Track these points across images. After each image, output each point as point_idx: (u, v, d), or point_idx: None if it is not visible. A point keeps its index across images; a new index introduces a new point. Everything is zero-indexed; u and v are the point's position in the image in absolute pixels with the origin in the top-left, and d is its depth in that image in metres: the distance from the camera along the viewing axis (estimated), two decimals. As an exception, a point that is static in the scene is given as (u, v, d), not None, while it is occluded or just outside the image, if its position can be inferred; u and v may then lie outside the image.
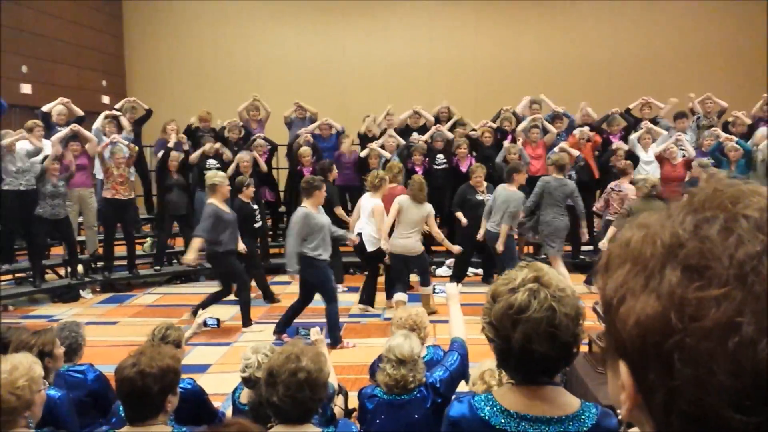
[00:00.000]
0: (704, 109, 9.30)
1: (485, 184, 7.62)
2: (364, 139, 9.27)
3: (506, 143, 8.65)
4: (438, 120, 9.55)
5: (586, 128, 8.77)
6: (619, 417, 0.64)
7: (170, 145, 8.39)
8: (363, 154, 8.73)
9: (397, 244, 6.72)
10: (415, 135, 8.97)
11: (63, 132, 7.80)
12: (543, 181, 7.30)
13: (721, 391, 0.47)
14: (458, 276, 7.87)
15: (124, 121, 8.64)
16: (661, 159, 8.13)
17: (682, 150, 8.25)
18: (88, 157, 8.15)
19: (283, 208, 9.56)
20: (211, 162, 8.51)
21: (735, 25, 12.56)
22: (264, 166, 8.64)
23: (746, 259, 0.49)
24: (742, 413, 0.47)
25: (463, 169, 8.42)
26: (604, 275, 0.59)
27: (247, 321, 6.56)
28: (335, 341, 5.82)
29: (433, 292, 3.77)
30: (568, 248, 8.20)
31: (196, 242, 6.20)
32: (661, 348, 0.51)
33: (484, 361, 2.65)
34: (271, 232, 9.36)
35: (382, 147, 8.80)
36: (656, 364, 0.52)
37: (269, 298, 7.52)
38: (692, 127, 9.09)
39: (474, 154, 8.84)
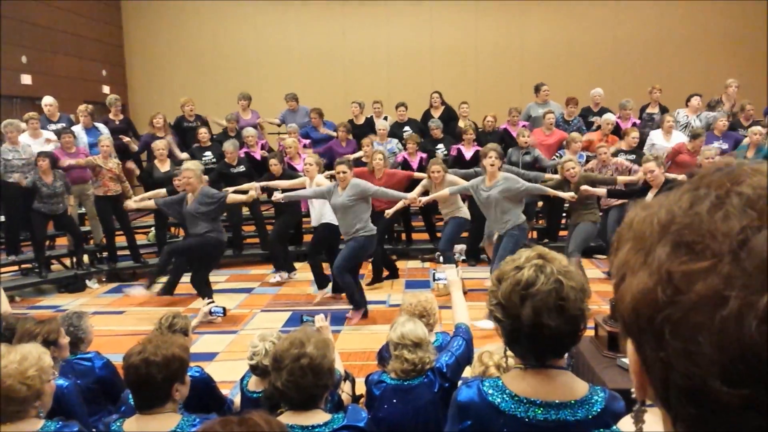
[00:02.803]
0: (727, 93, 9.19)
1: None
2: (355, 127, 9.24)
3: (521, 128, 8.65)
4: (430, 107, 9.55)
5: (612, 117, 8.71)
6: (633, 395, 0.65)
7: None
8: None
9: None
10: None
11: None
12: None
13: (709, 363, 0.48)
14: (473, 257, 7.90)
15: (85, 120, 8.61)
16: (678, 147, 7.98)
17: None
18: (84, 154, 8.14)
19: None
20: (207, 154, 8.49)
21: (739, 8, 12.44)
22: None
23: (731, 233, 0.49)
24: (729, 386, 0.47)
25: (468, 155, 8.40)
26: (613, 255, 0.60)
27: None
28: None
29: (434, 279, 3.76)
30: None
31: None
32: (653, 322, 0.52)
33: (486, 345, 2.67)
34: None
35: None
36: (650, 338, 0.53)
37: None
38: (710, 113, 8.91)
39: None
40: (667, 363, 0.51)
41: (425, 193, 6.95)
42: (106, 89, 12.43)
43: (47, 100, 8.65)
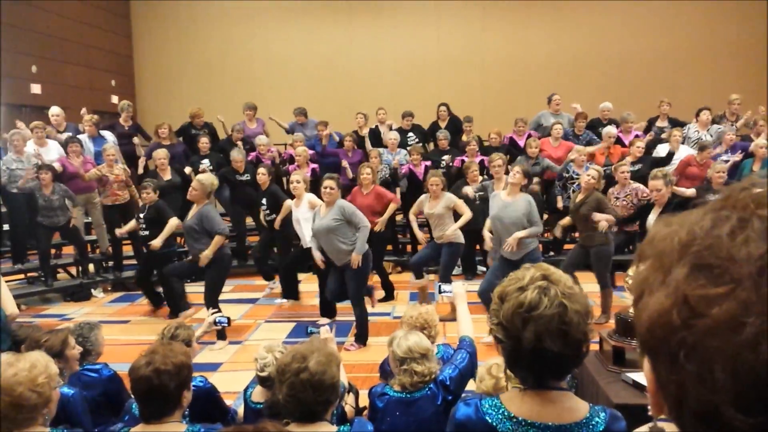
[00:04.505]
0: (730, 109, 9.20)
1: (480, 178, 7.63)
2: (360, 138, 9.26)
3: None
4: (437, 118, 9.59)
5: (613, 129, 8.70)
6: (649, 413, 0.66)
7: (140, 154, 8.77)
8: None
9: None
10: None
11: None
12: None
13: (723, 389, 0.48)
14: (470, 271, 7.86)
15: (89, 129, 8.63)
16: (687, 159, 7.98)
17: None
18: (90, 164, 8.12)
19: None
20: (205, 162, 8.53)
21: (748, 20, 12.46)
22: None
23: (750, 260, 0.49)
24: (743, 413, 0.47)
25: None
26: (634, 270, 0.60)
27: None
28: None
29: (440, 292, 3.73)
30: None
31: None
32: (668, 344, 0.52)
33: (491, 359, 2.67)
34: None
35: (384, 146, 8.83)
36: (665, 360, 0.53)
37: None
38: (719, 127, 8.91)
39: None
40: (681, 386, 0.51)
41: (420, 212, 6.84)
42: (114, 99, 12.53)
43: (54, 110, 8.71)
